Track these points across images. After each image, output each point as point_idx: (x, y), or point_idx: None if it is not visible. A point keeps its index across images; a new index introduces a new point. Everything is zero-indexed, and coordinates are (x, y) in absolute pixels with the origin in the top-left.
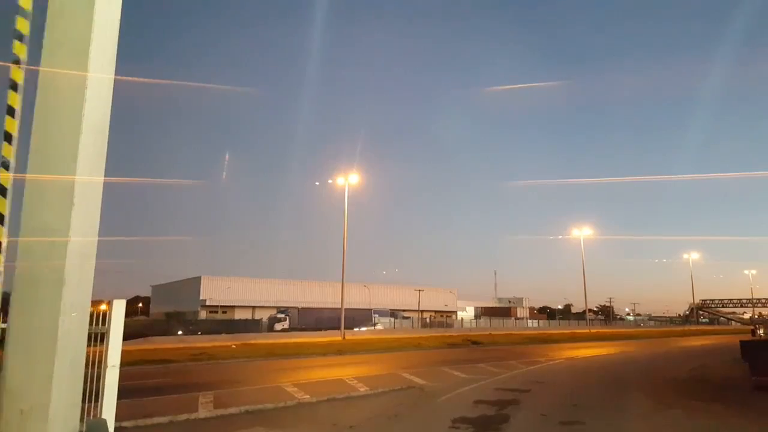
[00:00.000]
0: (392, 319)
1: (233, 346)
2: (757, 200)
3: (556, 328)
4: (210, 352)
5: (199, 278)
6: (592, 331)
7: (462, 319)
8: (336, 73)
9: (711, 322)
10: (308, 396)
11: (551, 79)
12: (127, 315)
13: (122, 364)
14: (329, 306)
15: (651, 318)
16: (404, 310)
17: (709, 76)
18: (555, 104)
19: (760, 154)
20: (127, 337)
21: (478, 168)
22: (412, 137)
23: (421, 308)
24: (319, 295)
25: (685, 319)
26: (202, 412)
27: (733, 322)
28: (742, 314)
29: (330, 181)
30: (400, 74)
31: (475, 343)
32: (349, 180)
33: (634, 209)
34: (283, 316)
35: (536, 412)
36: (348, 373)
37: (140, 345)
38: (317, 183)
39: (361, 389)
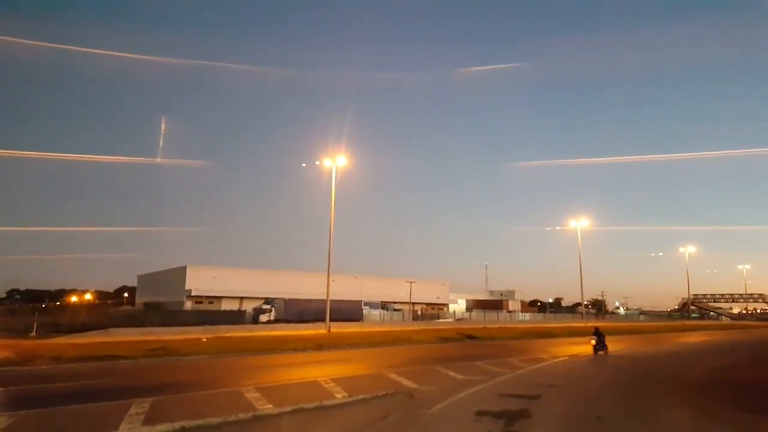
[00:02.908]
0: (383, 312)
1: (204, 340)
2: (754, 183)
3: (551, 321)
4: (172, 347)
5: (184, 268)
6: (588, 324)
7: (454, 311)
8: (326, 57)
9: (701, 317)
10: (270, 405)
11: (539, 56)
12: (112, 305)
13: (64, 361)
14: (318, 297)
15: (642, 312)
16: (395, 303)
17: (707, 51)
18: (546, 86)
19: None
20: (86, 328)
21: (470, 158)
22: (404, 133)
23: (412, 300)
24: (308, 286)
25: (682, 314)
26: (123, 429)
27: (722, 316)
28: (729, 309)
29: (317, 163)
30: (389, 60)
31: (469, 337)
32: (336, 162)
33: (626, 200)
34: (268, 307)
35: (555, 429)
36: (326, 372)
37: (97, 337)
38: (304, 164)
39: (338, 395)
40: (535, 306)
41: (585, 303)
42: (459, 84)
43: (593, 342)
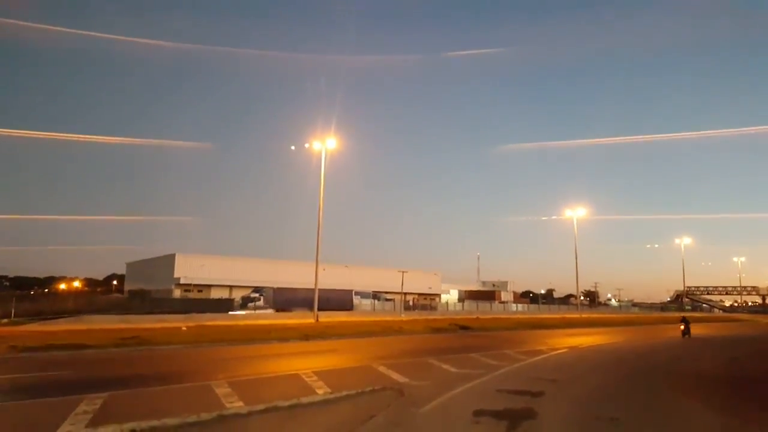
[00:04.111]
0: (374, 301)
1: (184, 329)
2: (754, 165)
3: (545, 312)
4: (146, 336)
5: (173, 256)
6: (583, 315)
7: (447, 302)
8: (312, 42)
9: (694, 309)
10: (241, 403)
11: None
12: (101, 293)
13: (27, 349)
14: (308, 286)
15: (634, 304)
16: (387, 293)
17: (702, 30)
18: (535, 70)
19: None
20: (68, 315)
21: (462, 147)
22: (395, 122)
23: (404, 290)
24: (298, 275)
25: (679, 306)
26: (65, 429)
27: (715, 309)
28: (720, 302)
29: (306, 146)
30: (377, 47)
31: (463, 328)
32: (326, 144)
33: (619, 189)
34: (257, 295)
35: None
36: (309, 365)
37: (70, 325)
38: (293, 147)
39: (319, 391)
40: (527, 297)
41: (575, 294)
42: (449, 72)
43: (682, 327)
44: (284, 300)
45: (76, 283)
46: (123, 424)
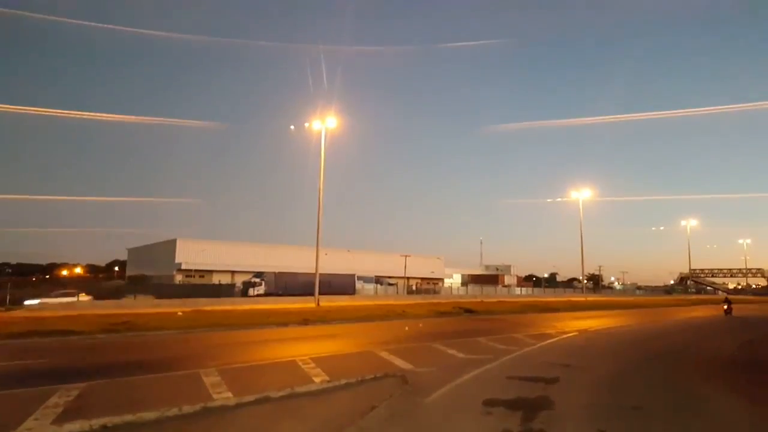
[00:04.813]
0: (376, 286)
1: (179, 314)
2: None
3: (550, 295)
4: (137, 322)
5: (174, 241)
6: (589, 299)
7: (451, 286)
8: (315, 33)
9: (698, 292)
10: (229, 393)
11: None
12: (103, 279)
13: (8, 336)
14: (310, 271)
15: (638, 287)
16: (389, 277)
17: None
18: (536, 55)
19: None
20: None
21: (464, 132)
22: (397, 107)
23: (407, 275)
24: (300, 260)
25: (684, 289)
26: (22, 429)
27: (719, 291)
28: (724, 284)
29: (306, 125)
30: (379, 34)
31: (468, 311)
32: (326, 123)
33: (623, 171)
34: (258, 280)
35: (587, 423)
36: (307, 350)
37: (60, 310)
38: (292, 127)
39: (316, 379)
40: (530, 281)
41: (578, 278)
42: (449, 59)
43: (725, 307)
44: (286, 285)
45: (78, 270)
46: (93, 419)
